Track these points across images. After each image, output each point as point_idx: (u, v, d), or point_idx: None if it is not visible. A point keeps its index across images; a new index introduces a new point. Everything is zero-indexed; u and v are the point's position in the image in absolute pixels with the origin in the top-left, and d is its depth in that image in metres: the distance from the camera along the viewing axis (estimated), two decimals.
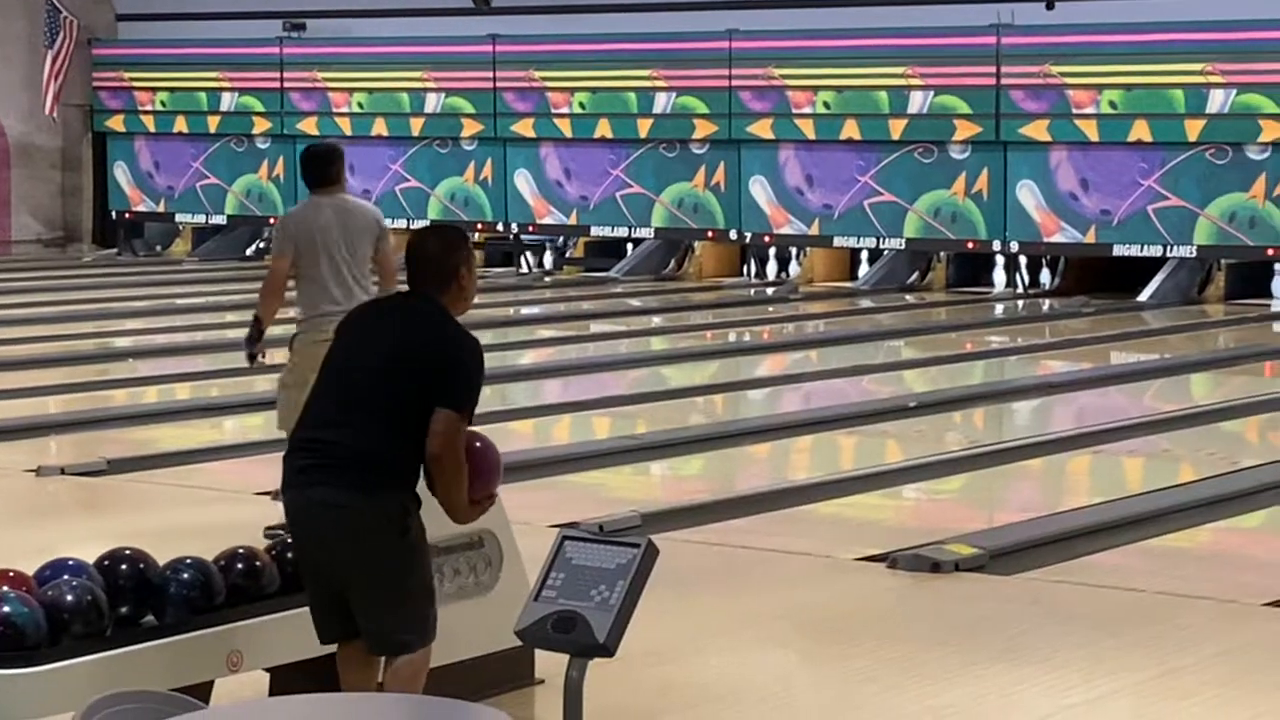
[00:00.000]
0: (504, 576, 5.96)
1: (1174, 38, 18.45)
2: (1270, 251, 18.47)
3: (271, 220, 23.63)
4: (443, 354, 5.06)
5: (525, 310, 18.69)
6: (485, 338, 17.31)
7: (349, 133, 22.78)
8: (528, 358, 15.36)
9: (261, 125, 23.36)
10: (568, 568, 4.34)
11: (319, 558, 5.09)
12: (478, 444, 5.17)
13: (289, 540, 5.51)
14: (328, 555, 5.05)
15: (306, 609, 5.33)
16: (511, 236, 22.07)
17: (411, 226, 22.53)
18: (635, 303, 19.65)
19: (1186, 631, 6.82)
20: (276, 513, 8.66)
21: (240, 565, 5.45)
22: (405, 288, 5.32)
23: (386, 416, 5.01)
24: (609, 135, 21.30)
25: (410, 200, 22.46)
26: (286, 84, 23.11)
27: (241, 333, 9.09)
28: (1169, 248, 18.79)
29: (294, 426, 5.27)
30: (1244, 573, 7.95)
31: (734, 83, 20.51)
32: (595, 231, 21.83)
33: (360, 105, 22.73)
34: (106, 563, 5.29)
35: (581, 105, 21.42)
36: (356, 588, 5.04)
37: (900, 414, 12.05)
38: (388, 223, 8.47)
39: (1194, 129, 18.47)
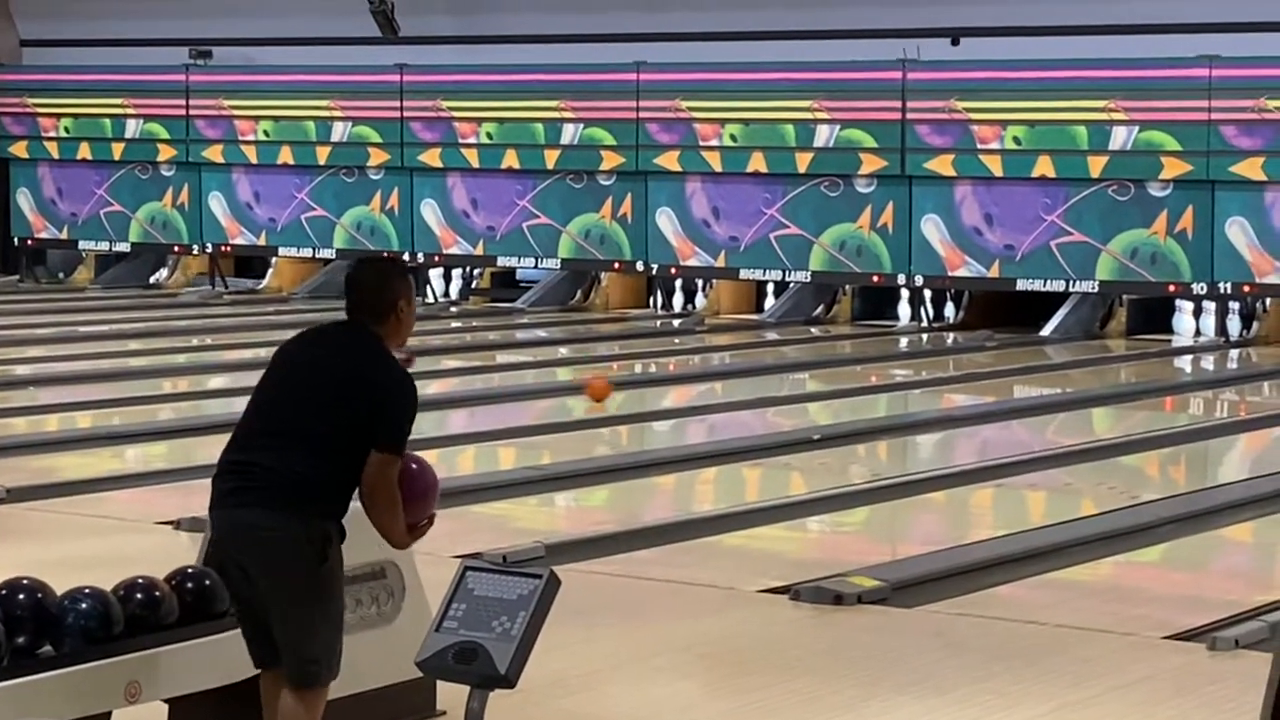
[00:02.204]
0: (406, 607, 5.93)
1: (1077, 75, 18.65)
2: (1171, 288, 18.67)
3: (175, 249, 23.51)
4: (377, 392, 5.07)
5: (431, 340, 18.63)
6: None
7: (255, 161, 22.68)
8: (433, 388, 15.30)
9: (166, 153, 23.20)
10: (469, 598, 4.33)
11: (241, 581, 5.13)
12: (414, 466, 5.17)
13: (189, 571, 5.48)
14: (249, 577, 5.08)
15: (206, 639, 5.30)
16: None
17: (316, 255, 22.49)
18: (541, 333, 19.64)
19: (1086, 665, 6.87)
20: (179, 543, 8.60)
21: (139, 595, 5.40)
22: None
23: (316, 444, 5.04)
24: (516, 166, 21.30)
25: (316, 229, 22.35)
26: (192, 111, 22.97)
27: (145, 361, 8.98)
28: (1071, 283, 18.96)
29: (225, 447, 5.24)
30: (1143, 606, 8.02)
31: (641, 115, 20.56)
32: (502, 262, 21.82)
33: (266, 133, 22.63)
34: (3, 592, 5.22)
35: (489, 135, 21.41)
36: (274, 611, 5.06)
37: (804, 446, 12.09)
38: (293, 251, 8.35)
39: (1097, 165, 18.67)
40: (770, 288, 20.81)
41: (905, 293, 20.09)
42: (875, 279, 19.86)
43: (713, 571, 8.45)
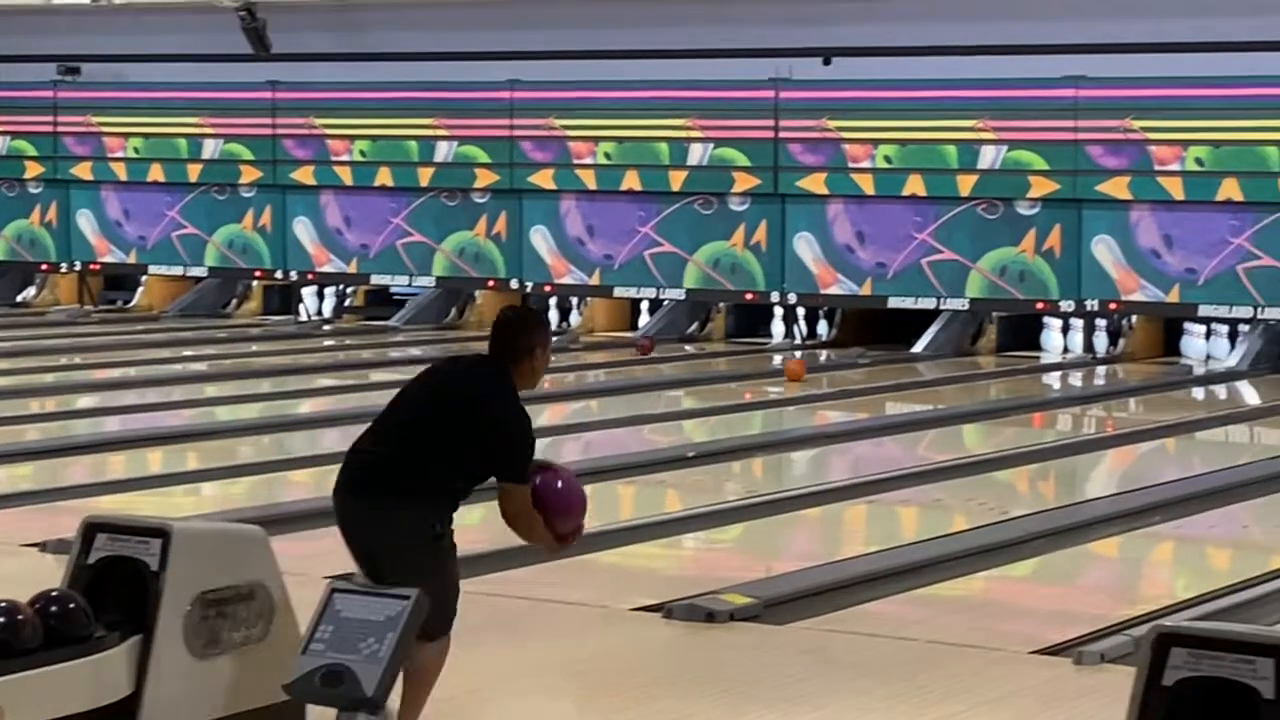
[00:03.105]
0: (276, 629, 5.88)
1: (947, 94, 18.85)
2: (1040, 305, 18.90)
3: (44, 266, 23.21)
4: (501, 427, 5.79)
5: (304, 359, 18.52)
6: (263, 386, 17.03)
7: (124, 178, 22.45)
8: (306, 406, 15.22)
9: (34, 170, 22.92)
10: (337, 620, 4.31)
11: (359, 554, 5.75)
12: (558, 484, 5.93)
13: (54, 594, 5.42)
14: (369, 555, 5.71)
15: (71, 664, 5.24)
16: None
17: (187, 274, 22.28)
18: (415, 352, 19.56)
19: (955, 680, 6.92)
20: (45, 565, 8.49)
21: (1, 619, 5.32)
22: None
23: (432, 448, 5.73)
24: (390, 183, 21.23)
25: (187, 247, 22.16)
26: (60, 128, 22.71)
27: (12, 380, 8.85)
28: (942, 300, 19.15)
29: (357, 439, 5.93)
30: (1012, 621, 8.10)
31: (515, 132, 20.56)
32: (376, 280, 21.73)
33: (136, 150, 22.40)
34: None
35: (362, 153, 21.33)
36: (390, 576, 5.57)
37: (679, 464, 12.11)
38: (164, 269, 8.29)
39: (966, 184, 18.87)
40: (645, 305, 20.86)
41: (779, 310, 20.20)
42: (749, 297, 19.96)
43: (586, 590, 8.44)
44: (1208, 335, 18.83)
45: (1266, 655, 3.83)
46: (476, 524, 10.49)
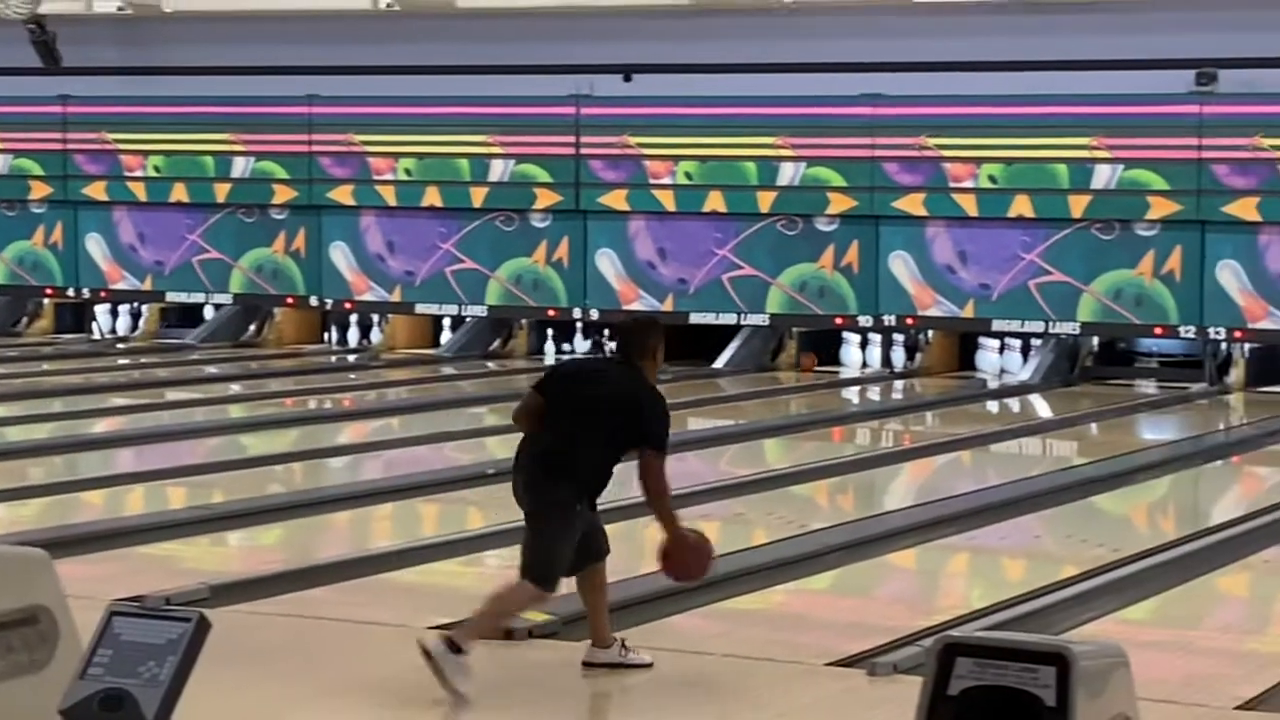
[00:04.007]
0: (59, 654, 5.74)
1: (746, 112, 19.00)
2: (839, 320, 19.11)
3: None
4: (641, 402, 7.00)
5: (97, 378, 18.19)
6: (55, 406, 16.70)
7: None
8: (99, 426, 14.95)
9: None
10: (116, 644, 4.21)
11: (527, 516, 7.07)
12: (689, 553, 7.29)
13: None
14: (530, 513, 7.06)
15: None
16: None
17: None
18: (212, 369, 19.31)
19: (751, 693, 6.96)
20: None
21: None
22: None
23: (584, 435, 6.96)
24: (185, 199, 20.94)
25: None
26: None
27: None
28: (743, 316, 19.29)
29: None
30: (809, 633, 8.16)
31: (314, 148, 20.39)
32: (171, 297, 21.42)
33: None
34: None
35: (157, 169, 21.02)
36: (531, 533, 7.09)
37: (480, 480, 12.06)
38: None
39: (766, 200, 19.03)
40: (447, 322, 20.77)
41: (581, 326, 20.22)
42: (551, 313, 19.96)
43: (387, 610, 8.38)
44: (1001, 350, 19.15)
45: (1049, 664, 3.88)
46: (272, 544, 10.40)
